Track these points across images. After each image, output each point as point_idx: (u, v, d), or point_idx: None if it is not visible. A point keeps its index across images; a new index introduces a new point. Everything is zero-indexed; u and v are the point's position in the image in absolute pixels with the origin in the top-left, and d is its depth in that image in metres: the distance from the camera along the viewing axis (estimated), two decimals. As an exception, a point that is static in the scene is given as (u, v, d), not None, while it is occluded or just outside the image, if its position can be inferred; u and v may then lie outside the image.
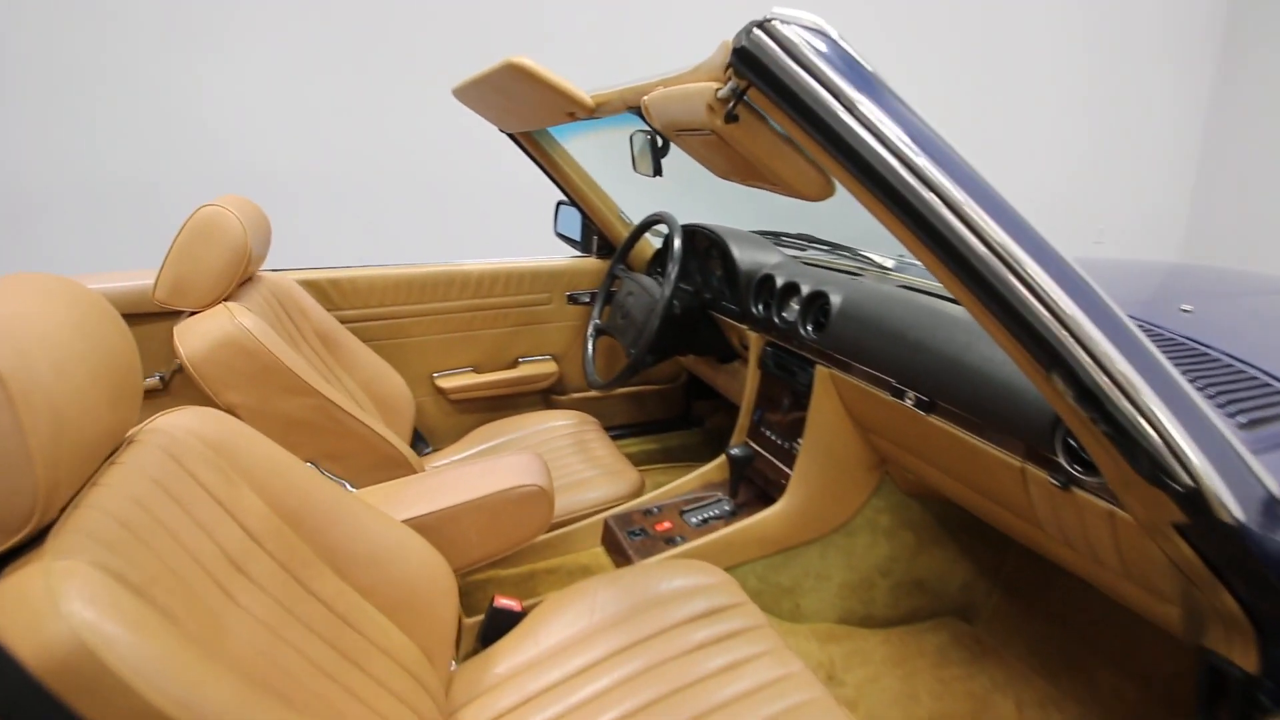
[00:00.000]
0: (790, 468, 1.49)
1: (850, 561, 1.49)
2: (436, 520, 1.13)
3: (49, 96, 2.46)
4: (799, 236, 1.93)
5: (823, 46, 0.68)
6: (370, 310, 1.83)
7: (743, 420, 1.68)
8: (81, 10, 2.45)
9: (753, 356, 1.65)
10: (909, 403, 1.20)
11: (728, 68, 0.70)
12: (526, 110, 1.47)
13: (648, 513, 1.57)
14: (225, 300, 1.29)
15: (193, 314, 1.26)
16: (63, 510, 0.64)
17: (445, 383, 1.95)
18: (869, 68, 0.69)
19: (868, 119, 0.67)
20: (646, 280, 1.73)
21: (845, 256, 1.69)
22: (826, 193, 0.78)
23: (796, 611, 1.50)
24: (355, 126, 2.85)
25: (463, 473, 1.23)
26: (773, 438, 1.58)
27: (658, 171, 1.27)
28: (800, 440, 1.47)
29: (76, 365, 0.64)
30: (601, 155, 1.98)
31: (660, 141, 1.27)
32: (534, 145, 1.84)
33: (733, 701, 0.94)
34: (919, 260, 0.71)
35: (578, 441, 1.80)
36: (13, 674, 0.50)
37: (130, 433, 0.80)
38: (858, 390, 1.33)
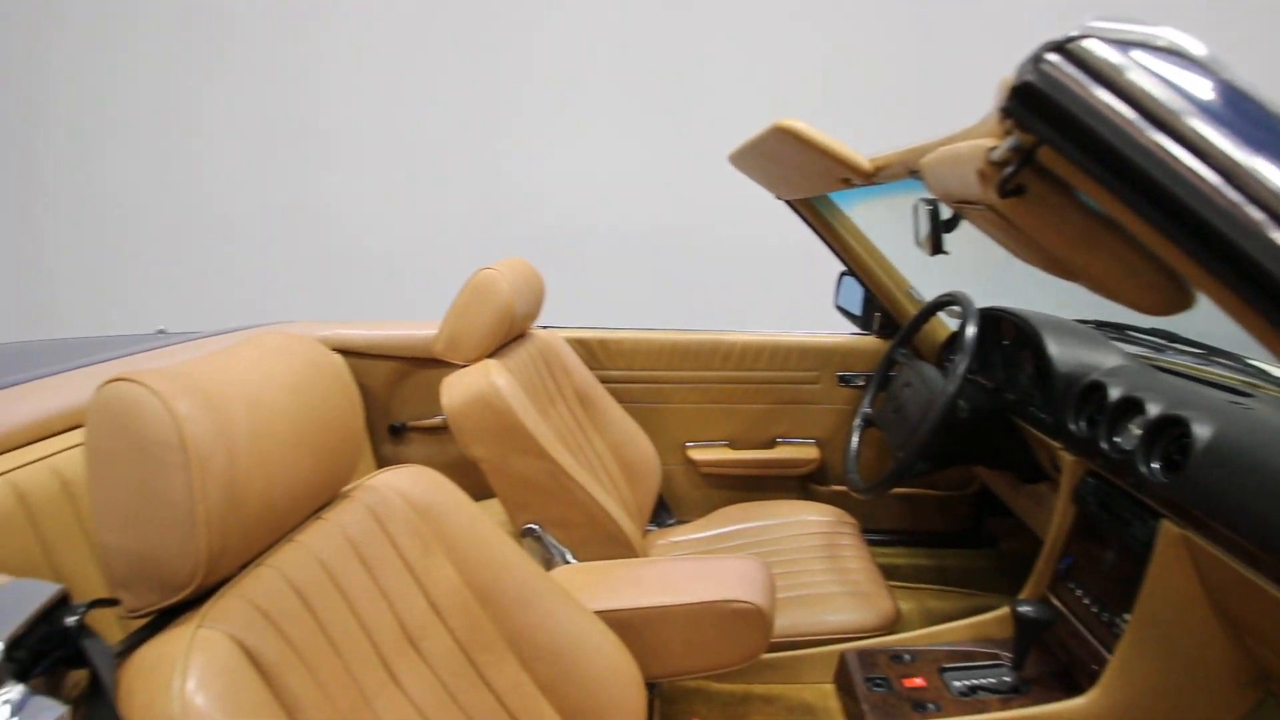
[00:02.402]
0: (1109, 650, 1.09)
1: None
2: (637, 619, 1.02)
3: (384, 167, 2.99)
4: (1153, 332, 1.47)
5: (1181, 78, 0.43)
6: (631, 373, 1.83)
7: (1044, 565, 1.30)
8: (408, 85, 2.93)
9: (1065, 485, 1.27)
10: None
11: (1005, 116, 0.48)
12: (800, 176, 1.35)
13: (897, 657, 1.28)
14: (491, 356, 1.37)
15: (461, 367, 1.35)
16: (245, 565, 0.66)
17: (697, 454, 1.87)
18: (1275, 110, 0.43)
19: (1272, 198, 0.40)
20: (929, 371, 1.46)
21: (1224, 365, 1.23)
22: (1176, 305, 0.51)
23: None
24: (643, 190, 2.99)
25: (674, 569, 1.12)
26: (1085, 600, 1.19)
27: (938, 249, 1.04)
28: (1128, 616, 1.07)
29: (281, 426, 0.66)
30: (894, 224, 1.75)
31: (944, 213, 1.04)
32: (812, 212, 1.70)
33: None
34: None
35: (829, 545, 1.57)
36: None
37: (347, 488, 0.83)
38: (1230, 572, 0.91)
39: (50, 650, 0.52)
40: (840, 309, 2.01)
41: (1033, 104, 0.45)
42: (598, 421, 1.63)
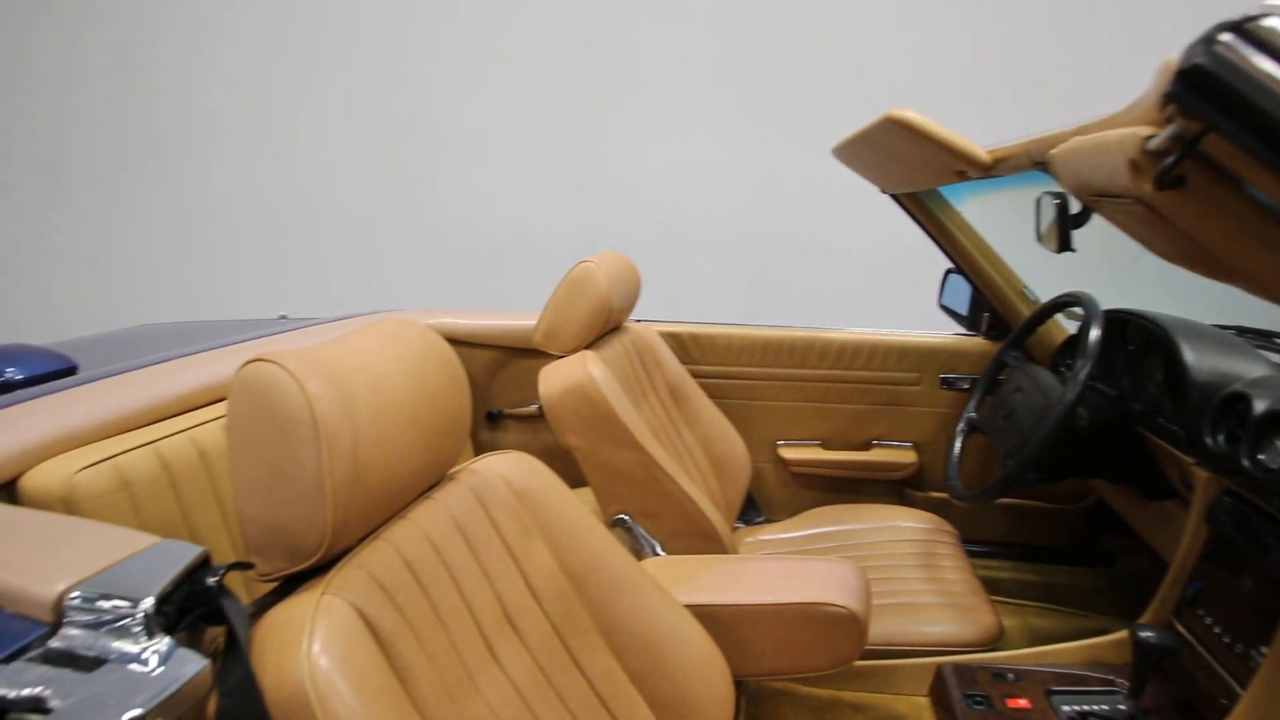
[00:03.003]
0: (1242, 685, 1.00)
1: None
2: (727, 615, 1.01)
3: (489, 161, 3.07)
4: None
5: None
6: (724, 368, 1.82)
7: (1169, 589, 1.20)
8: (510, 80, 2.98)
9: (1198, 504, 1.17)
10: None
11: (1167, 102, 0.44)
12: (909, 169, 1.29)
13: (1000, 675, 1.22)
14: (586, 348, 1.39)
15: (558, 358, 1.38)
16: (364, 538, 0.70)
17: (789, 453, 1.84)
18: None
19: None
20: (1044, 376, 1.37)
21: None
22: None
23: None
24: (741, 186, 2.94)
25: (766, 568, 1.10)
26: (1215, 629, 1.09)
27: (1065, 246, 0.98)
28: (1265, 650, 0.97)
29: (397, 409, 0.69)
30: (1008, 220, 1.66)
31: (1073, 207, 0.97)
32: (919, 207, 1.63)
33: None
34: None
35: (926, 554, 1.51)
36: (254, 696, 0.54)
37: (453, 470, 0.86)
38: None
39: (193, 607, 0.56)
40: (945, 308, 1.92)
41: (1202, 88, 0.41)
42: (689, 416, 1.63)
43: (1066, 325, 1.69)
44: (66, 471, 0.87)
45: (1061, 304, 1.45)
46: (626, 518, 1.32)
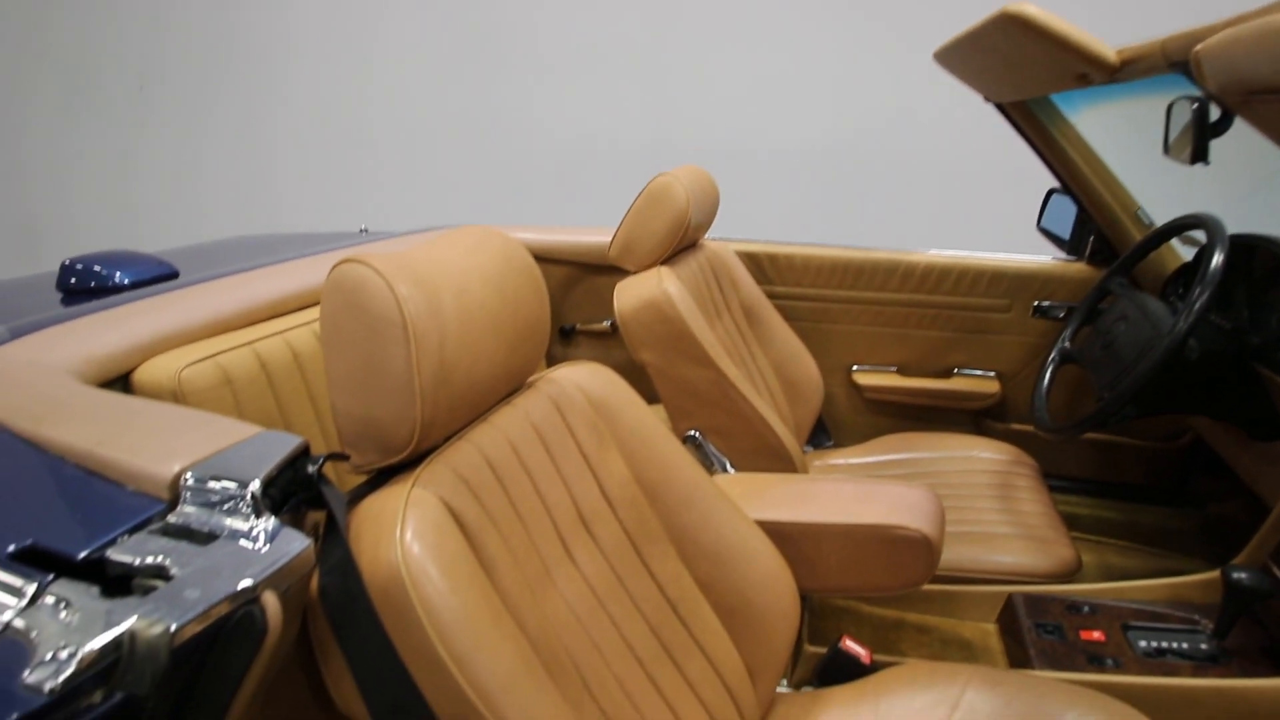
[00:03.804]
0: (1343, 633, 0.95)
1: None
2: (796, 532, 1.02)
3: (583, 78, 2.98)
4: None
5: None
6: (800, 290, 1.77)
7: (1269, 532, 1.14)
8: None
9: (1315, 445, 1.09)
10: None
11: None
12: (1023, 73, 1.18)
13: (1075, 607, 1.19)
14: (662, 264, 1.37)
15: (634, 274, 1.37)
16: (449, 438, 0.73)
17: (863, 379, 1.79)
18: None
19: None
20: (1153, 305, 1.28)
21: None
22: None
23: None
24: (825, 97, 2.77)
25: (839, 489, 1.09)
26: (1320, 576, 1.03)
27: (1200, 156, 0.88)
28: (1378, 600, 0.92)
29: (481, 314, 0.70)
30: (1128, 134, 1.52)
31: (1215, 113, 0.87)
32: (1027, 118, 1.50)
33: None
34: None
35: (1004, 485, 1.47)
36: (353, 576, 0.57)
37: (531, 378, 0.88)
38: None
39: (295, 492, 0.60)
40: (1044, 231, 1.80)
41: None
42: (762, 337, 1.60)
43: (1181, 252, 1.55)
44: (175, 367, 0.93)
45: (1180, 227, 1.34)
46: (697, 434, 1.32)
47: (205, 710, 0.52)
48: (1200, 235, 1.32)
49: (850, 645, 1.08)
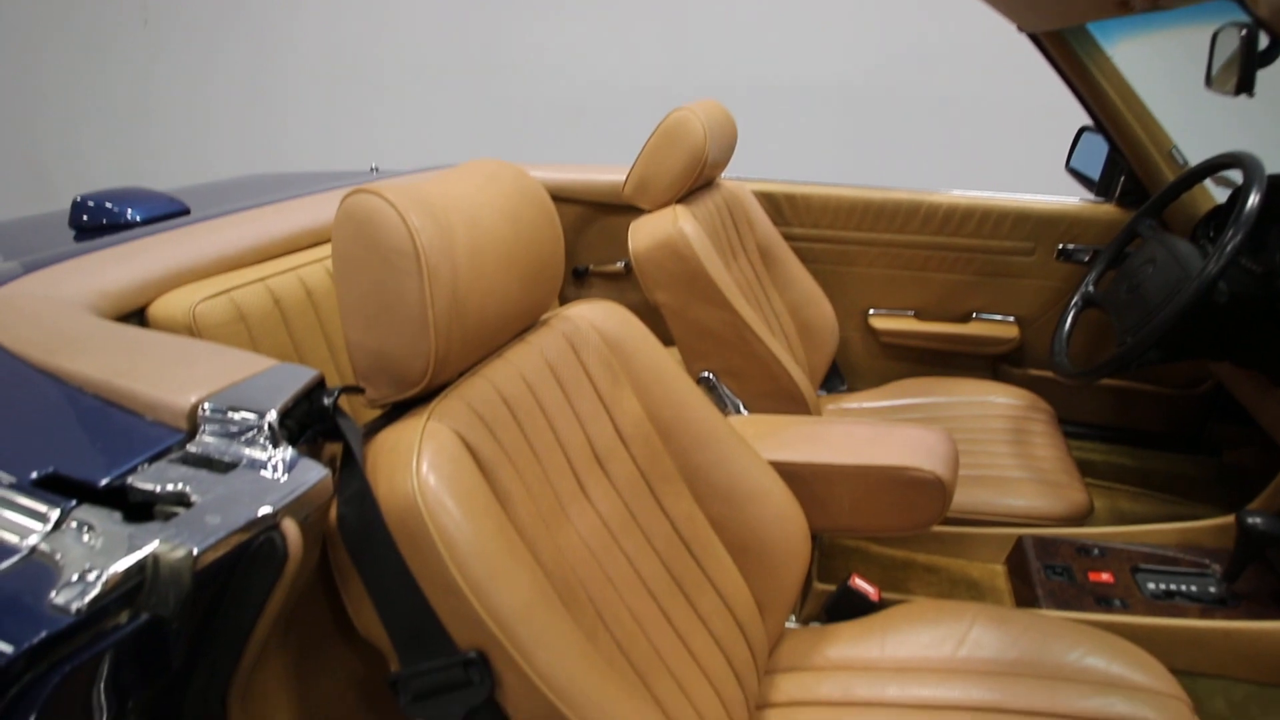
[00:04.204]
0: (1357, 578, 0.95)
1: None
2: (808, 473, 1.02)
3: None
4: None
5: None
6: (818, 231, 1.73)
7: (1288, 478, 1.13)
8: None
9: (1342, 392, 1.07)
10: None
11: None
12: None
13: (1084, 549, 1.20)
14: (677, 203, 1.34)
15: (648, 212, 1.34)
16: (463, 373, 0.73)
17: (880, 322, 1.77)
18: None
19: None
20: (1183, 247, 1.24)
21: None
22: None
23: (1287, 778, 1.00)
24: (845, 30, 2.66)
25: (853, 431, 1.09)
26: (1336, 521, 1.03)
27: (1245, 87, 0.84)
28: (1394, 546, 0.91)
29: (494, 248, 0.69)
30: (1166, 69, 1.45)
31: (1264, 41, 0.82)
32: (1061, 49, 1.43)
33: None
34: None
35: (1018, 430, 1.46)
36: (370, 506, 0.58)
37: (545, 315, 0.87)
38: None
39: (311, 424, 0.60)
40: (1073, 172, 1.74)
41: None
42: (778, 279, 1.58)
43: (1215, 194, 1.50)
44: (189, 302, 0.93)
45: (1216, 166, 1.29)
46: (711, 376, 1.32)
47: (229, 633, 0.53)
48: (1236, 175, 1.28)
49: (859, 583, 1.09)
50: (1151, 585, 1.12)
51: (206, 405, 0.58)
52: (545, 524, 0.71)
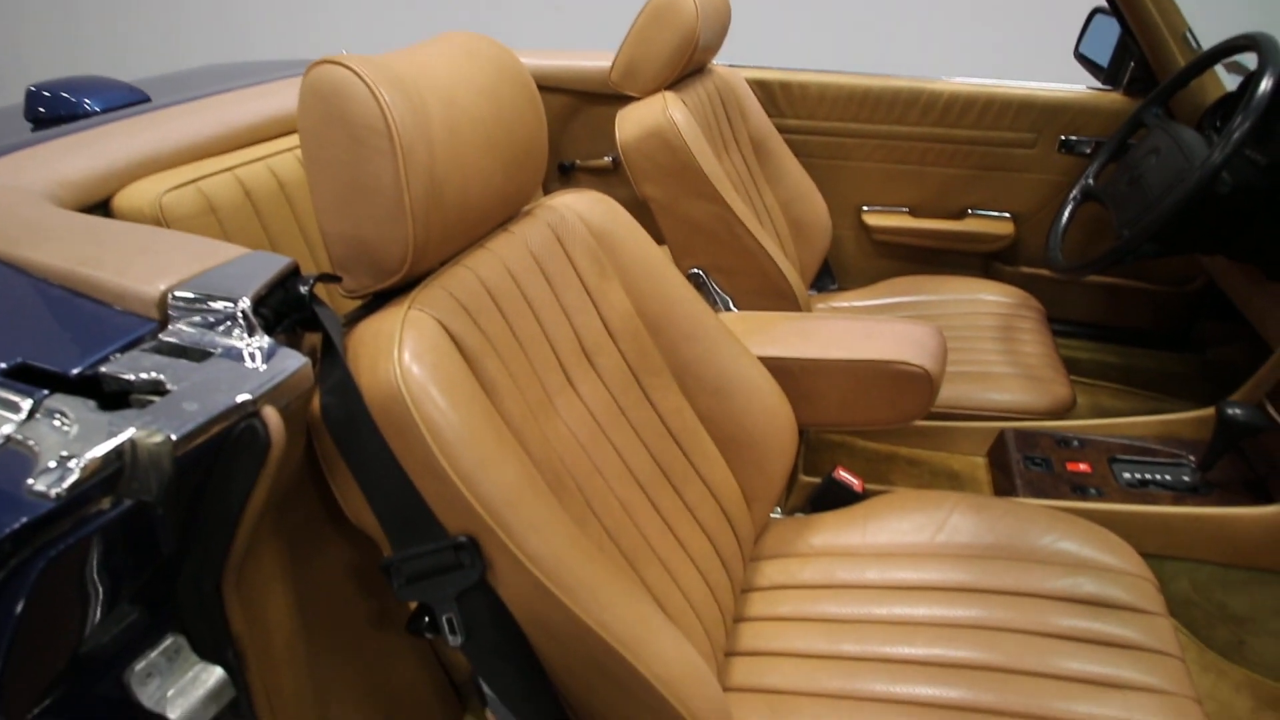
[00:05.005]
0: (1327, 465, 0.98)
1: (1377, 632, 0.97)
2: (797, 368, 1.02)
3: None
4: None
5: None
6: (813, 123, 1.67)
7: (1270, 371, 1.14)
8: None
9: (1334, 284, 1.07)
10: None
11: None
12: None
13: (1064, 441, 1.23)
14: (667, 89, 1.28)
15: (637, 100, 1.27)
16: (445, 263, 0.70)
17: (873, 219, 1.74)
18: None
19: None
20: (1188, 135, 1.20)
21: None
22: None
23: (1236, 649, 1.06)
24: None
25: (842, 327, 1.08)
26: (1314, 412, 1.05)
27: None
28: (1367, 434, 0.94)
29: (474, 129, 0.65)
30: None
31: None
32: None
33: None
34: None
35: (1007, 327, 1.46)
36: (353, 395, 0.57)
37: (528, 206, 0.84)
38: None
39: (288, 313, 0.59)
40: (1081, 58, 1.67)
41: None
42: (771, 174, 1.53)
43: (1226, 82, 1.44)
44: (155, 192, 0.89)
45: (1229, 49, 1.22)
46: (700, 272, 1.30)
47: (217, 521, 0.54)
48: (1250, 61, 1.22)
49: (843, 475, 1.11)
50: (1127, 475, 1.15)
51: (177, 292, 0.55)
52: (532, 415, 0.71)
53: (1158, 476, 1.14)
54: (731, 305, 1.31)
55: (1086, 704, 0.72)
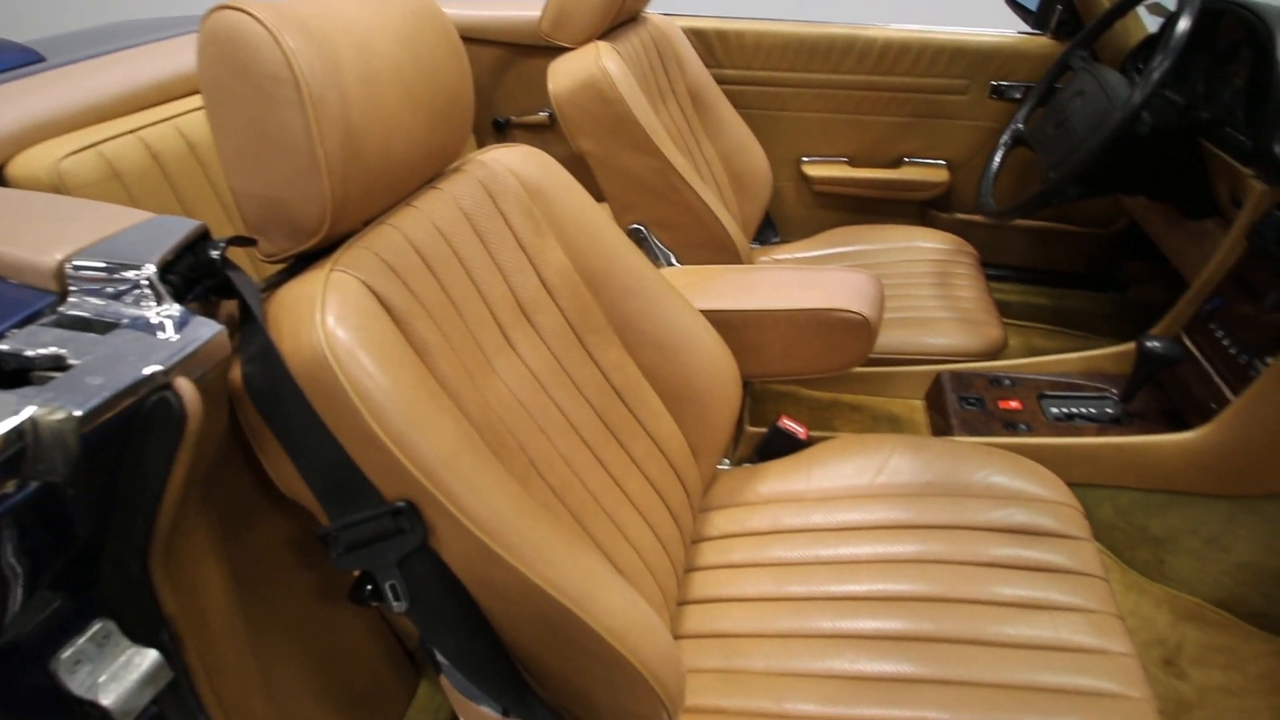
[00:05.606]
0: (1235, 392, 1.04)
1: (1274, 544, 1.05)
2: (739, 320, 1.03)
3: None
4: None
5: None
6: (751, 73, 1.65)
7: (1185, 305, 1.20)
8: None
9: (1243, 219, 1.11)
10: None
11: None
12: None
13: (996, 381, 1.27)
14: (600, 39, 1.24)
15: (569, 50, 1.24)
16: (368, 223, 0.67)
17: (812, 170, 1.74)
18: None
19: None
20: (1112, 77, 1.23)
21: None
22: None
23: (1156, 568, 1.14)
24: None
25: (782, 277, 1.09)
26: (1224, 342, 1.10)
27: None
28: (1271, 360, 0.99)
29: (391, 80, 0.62)
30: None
31: None
32: None
33: (1011, 646, 0.74)
34: None
35: (942, 273, 1.50)
36: (276, 363, 0.55)
37: (458, 162, 0.81)
38: None
39: (199, 279, 0.55)
40: (1011, 2, 1.68)
41: None
42: (709, 125, 1.52)
43: (1149, 24, 1.48)
44: (52, 158, 0.83)
45: (1152, -10, 1.25)
46: (641, 228, 1.29)
47: (135, 500, 0.51)
48: (1171, 2, 1.25)
49: (788, 424, 1.13)
50: (1055, 409, 1.20)
51: (75, 262, 0.52)
52: (470, 376, 0.70)
53: (1083, 410, 1.20)
54: (674, 260, 1.30)
55: (1018, 625, 0.76)
